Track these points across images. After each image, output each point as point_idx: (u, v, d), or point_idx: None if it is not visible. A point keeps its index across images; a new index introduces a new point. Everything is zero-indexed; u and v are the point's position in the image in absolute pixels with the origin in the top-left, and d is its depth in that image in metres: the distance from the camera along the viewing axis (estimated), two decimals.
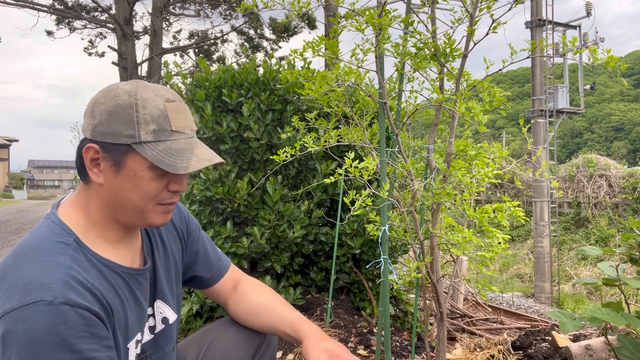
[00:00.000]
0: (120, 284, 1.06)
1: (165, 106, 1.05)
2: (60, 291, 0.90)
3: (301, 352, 2.75)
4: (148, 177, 1.04)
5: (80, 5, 14.56)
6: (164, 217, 1.11)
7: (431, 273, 1.92)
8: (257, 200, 3.10)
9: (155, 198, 1.07)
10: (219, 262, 1.43)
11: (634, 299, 8.36)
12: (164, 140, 1.03)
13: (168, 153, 1.03)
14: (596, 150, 17.59)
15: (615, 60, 1.54)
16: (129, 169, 1.03)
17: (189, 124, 1.09)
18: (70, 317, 0.89)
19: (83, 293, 0.93)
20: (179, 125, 1.06)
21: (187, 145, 1.06)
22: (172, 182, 1.08)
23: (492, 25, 1.69)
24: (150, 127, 1.02)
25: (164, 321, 1.24)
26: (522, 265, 12.93)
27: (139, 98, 1.03)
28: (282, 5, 1.90)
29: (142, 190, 1.05)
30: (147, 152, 1.02)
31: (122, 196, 1.05)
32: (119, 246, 1.11)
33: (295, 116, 2.36)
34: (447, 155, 1.86)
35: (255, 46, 14.65)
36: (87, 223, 1.07)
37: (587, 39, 12.78)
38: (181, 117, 1.07)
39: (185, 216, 1.38)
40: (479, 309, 5.01)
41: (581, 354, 2.36)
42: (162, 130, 1.03)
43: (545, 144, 11.01)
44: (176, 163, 1.02)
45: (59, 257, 0.96)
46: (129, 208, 1.06)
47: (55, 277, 0.92)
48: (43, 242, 1.00)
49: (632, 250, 1.91)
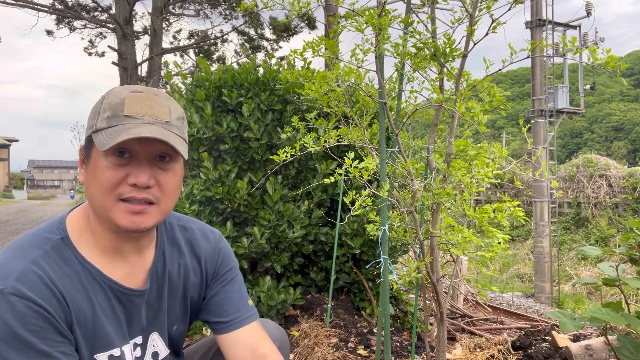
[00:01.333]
0: (97, 291, 1.03)
1: (128, 95, 1.00)
2: (12, 282, 0.90)
3: (301, 352, 2.75)
4: (103, 166, 0.98)
5: (80, 5, 14.57)
6: (131, 219, 0.99)
7: (431, 273, 1.92)
8: (257, 200, 3.10)
9: (112, 191, 0.98)
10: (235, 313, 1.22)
11: (634, 299, 8.36)
12: (114, 126, 0.97)
13: (109, 135, 0.96)
14: (596, 150, 17.59)
15: (615, 60, 1.54)
16: (92, 161, 1.00)
17: (153, 112, 0.99)
18: (18, 308, 0.89)
19: (38, 287, 0.92)
20: (133, 111, 0.98)
21: (135, 126, 0.96)
22: (131, 174, 0.98)
23: (491, 25, 1.69)
24: (105, 114, 0.98)
25: (154, 356, 1.17)
26: (522, 265, 12.92)
27: (109, 92, 1.02)
28: (282, 5, 1.90)
29: (98, 181, 0.98)
30: (97, 138, 0.97)
31: (90, 192, 1.01)
32: (112, 257, 1.06)
33: (295, 116, 2.36)
34: (447, 155, 1.86)
35: (255, 46, 14.65)
36: (85, 226, 1.06)
37: (587, 39, 12.78)
38: (141, 105, 0.99)
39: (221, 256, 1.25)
40: (479, 309, 5.01)
41: (581, 354, 2.36)
42: (114, 116, 0.97)
43: (545, 144, 11.01)
44: (107, 141, 0.95)
45: (32, 250, 0.97)
46: (96, 206, 1.01)
47: (15, 268, 0.93)
48: (32, 234, 1.02)
49: (632, 250, 1.91)
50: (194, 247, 1.23)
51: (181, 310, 1.22)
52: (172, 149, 0.99)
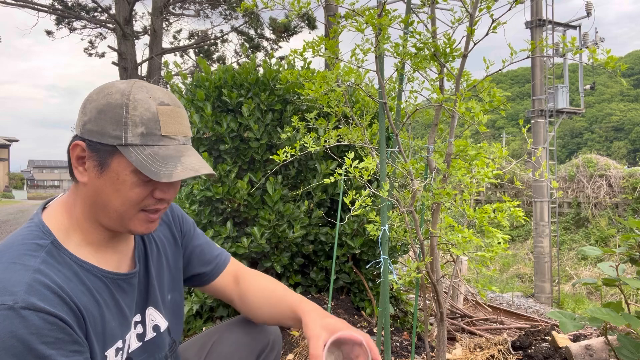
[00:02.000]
0: (100, 288, 1.03)
1: (158, 109, 1.00)
2: (22, 295, 0.87)
3: (301, 352, 2.75)
4: (131, 181, 0.99)
5: (80, 5, 14.57)
6: (147, 226, 1.05)
7: (431, 273, 1.92)
8: (257, 200, 3.10)
9: (137, 204, 1.01)
10: (216, 258, 1.39)
11: (634, 299, 8.36)
12: (151, 145, 0.98)
13: (154, 159, 0.97)
14: (596, 150, 17.58)
15: (615, 60, 1.54)
16: (113, 171, 0.99)
17: (183, 130, 1.03)
18: (33, 321, 0.86)
19: (49, 297, 0.90)
20: (169, 131, 1.00)
21: (176, 153, 1.00)
22: (157, 189, 1.02)
23: (492, 25, 1.69)
24: (138, 130, 0.97)
25: (155, 329, 1.20)
26: (522, 265, 12.92)
27: (131, 99, 0.99)
28: (282, 5, 1.90)
29: (124, 195, 1.00)
30: (132, 155, 0.97)
31: (104, 198, 1.01)
32: (103, 250, 1.08)
33: (295, 116, 2.36)
34: (447, 155, 1.86)
35: (255, 46, 14.65)
36: (70, 224, 1.04)
37: (587, 39, 12.78)
38: (174, 122, 1.02)
39: (180, 217, 1.35)
40: (479, 309, 5.01)
41: (581, 354, 2.36)
42: (150, 134, 0.98)
43: (545, 144, 11.00)
44: (160, 170, 0.97)
45: (29, 259, 0.93)
46: (110, 212, 1.02)
47: (19, 281, 0.89)
48: (17, 243, 0.97)
49: (632, 250, 1.91)
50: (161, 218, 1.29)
51: (169, 279, 1.27)
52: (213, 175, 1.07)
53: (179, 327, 1.31)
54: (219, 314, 3.13)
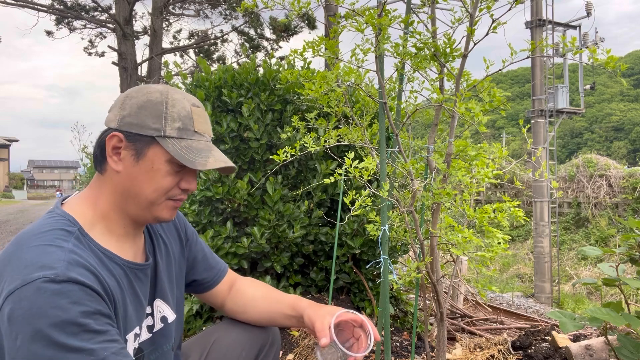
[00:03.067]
0: (121, 275, 1.09)
1: (192, 109, 1.14)
2: (62, 270, 0.92)
3: (301, 352, 2.75)
4: (165, 170, 1.10)
5: (80, 5, 14.56)
6: (172, 213, 1.16)
7: (431, 273, 1.92)
8: (257, 200, 3.10)
9: (167, 193, 1.12)
10: (217, 265, 1.48)
11: (634, 299, 8.36)
12: (186, 139, 1.11)
13: (188, 150, 1.10)
14: (596, 150, 17.57)
15: (615, 60, 1.54)
16: (148, 160, 1.09)
17: (209, 130, 1.18)
18: (74, 292, 0.91)
19: (86, 274, 0.96)
20: (200, 128, 1.14)
21: (206, 147, 1.14)
22: (184, 179, 1.14)
23: (492, 25, 1.69)
24: (175, 124, 1.10)
25: (163, 320, 1.25)
26: (522, 265, 12.91)
27: (169, 97, 1.12)
28: (282, 5, 1.90)
29: (157, 183, 1.10)
30: (170, 146, 1.08)
31: (137, 186, 1.10)
32: (123, 240, 1.14)
33: (295, 116, 2.36)
34: (447, 155, 1.86)
35: (255, 46, 14.64)
36: (94, 215, 1.10)
37: (587, 39, 12.78)
38: (203, 122, 1.16)
39: (183, 221, 1.43)
40: (479, 309, 5.00)
41: (581, 354, 2.36)
42: (185, 129, 1.11)
43: (545, 144, 11.00)
44: (195, 159, 1.09)
45: (62, 242, 0.99)
46: (141, 199, 1.11)
47: (58, 258, 0.94)
48: (47, 229, 1.02)
49: (632, 250, 1.91)
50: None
51: (174, 273, 1.33)
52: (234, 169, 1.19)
53: (181, 325, 1.34)
54: (218, 314, 3.13)
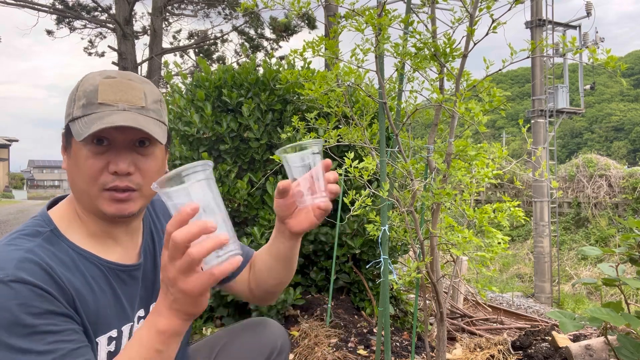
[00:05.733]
0: (97, 275, 1.04)
1: (101, 81, 1.01)
2: (11, 270, 0.89)
3: (301, 352, 2.75)
4: (84, 155, 1.00)
5: (80, 5, 14.55)
6: (117, 207, 1.02)
7: (431, 273, 1.92)
8: (257, 200, 3.10)
9: (95, 180, 1.00)
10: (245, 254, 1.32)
11: (634, 299, 8.36)
12: (89, 114, 0.99)
13: (85, 124, 0.97)
14: (596, 150, 17.57)
15: (615, 60, 1.54)
16: (73, 150, 1.02)
17: (127, 98, 1.01)
18: (22, 293, 0.88)
19: (37, 273, 0.92)
20: (107, 98, 1.00)
21: (108, 114, 0.98)
22: (111, 161, 1.00)
23: (492, 25, 1.69)
24: (80, 102, 1.00)
25: None
26: (522, 265, 12.91)
27: (83, 79, 1.03)
28: (282, 5, 1.90)
29: (82, 171, 1.01)
30: (75, 126, 0.99)
31: (73, 180, 1.03)
32: (105, 241, 1.08)
33: (295, 116, 2.36)
34: (447, 155, 1.86)
35: (255, 46, 14.64)
36: (73, 217, 1.07)
37: (587, 39, 12.78)
38: (115, 91, 1.01)
39: None
40: (479, 309, 5.00)
41: (581, 354, 2.36)
42: (89, 104, 0.99)
43: (545, 144, 11.00)
44: (82, 130, 0.97)
45: (24, 242, 0.97)
46: (79, 193, 1.04)
47: (11, 258, 0.92)
48: (18, 230, 1.01)
49: (632, 250, 1.91)
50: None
51: None
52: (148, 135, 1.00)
53: None
54: (218, 314, 3.13)
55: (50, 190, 63.81)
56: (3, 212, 19.17)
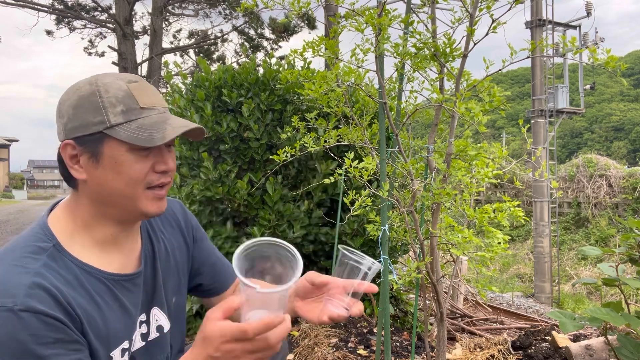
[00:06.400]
0: (102, 290, 1.03)
1: (129, 86, 1.02)
2: (22, 298, 0.88)
3: (301, 352, 2.75)
4: (129, 160, 1.00)
5: (80, 5, 14.56)
6: (158, 204, 1.06)
7: (431, 273, 1.92)
8: (257, 200, 3.10)
9: (142, 182, 1.02)
10: (227, 271, 1.36)
11: (634, 299, 8.35)
12: (134, 119, 1.00)
13: (142, 129, 0.99)
14: (596, 150, 17.57)
15: (615, 60, 1.54)
16: (108, 157, 1.00)
17: (158, 101, 1.06)
18: (32, 323, 0.88)
19: (47, 300, 0.91)
20: (146, 102, 1.02)
21: (160, 118, 1.02)
22: (157, 162, 1.03)
23: (492, 25, 1.69)
24: (117, 109, 0.99)
25: (159, 329, 1.19)
26: (522, 265, 12.91)
27: (99, 84, 1.02)
28: (282, 5, 1.90)
29: (127, 176, 1.00)
30: (121, 133, 0.98)
31: (108, 187, 1.02)
32: (108, 249, 1.08)
33: (295, 116, 2.36)
34: (447, 155, 1.86)
35: (255, 46, 14.64)
36: (74, 227, 1.05)
37: (587, 39, 12.77)
38: (147, 94, 1.04)
39: (193, 225, 1.34)
40: (479, 309, 5.00)
41: (581, 354, 2.36)
42: (130, 110, 1.00)
43: (545, 144, 11.00)
44: (152, 136, 0.98)
45: (30, 262, 0.95)
46: (118, 199, 1.03)
47: (20, 283, 0.90)
48: (20, 245, 0.98)
49: (632, 250, 1.91)
50: (170, 220, 1.29)
51: (176, 282, 1.26)
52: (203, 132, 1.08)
53: (180, 332, 1.29)
54: None
55: (50, 190, 63.78)
56: (3, 212, 19.16)
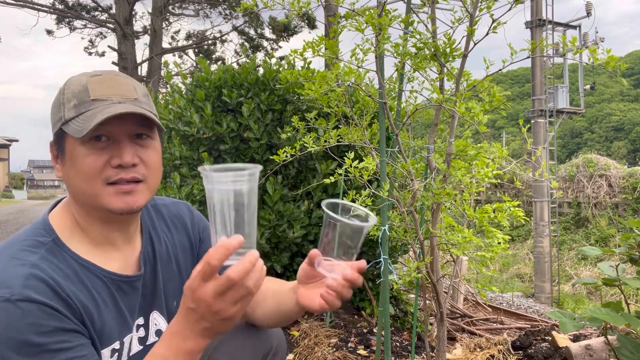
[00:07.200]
0: (99, 287, 1.02)
1: (88, 80, 1.00)
2: (18, 289, 0.88)
3: (301, 352, 2.75)
4: (81, 154, 0.98)
5: (81, 5, 14.56)
6: (123, 200, 1.00)
7: (431, 273, 1.92)
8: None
9: (97, 177, 0.98)
10: None
11: (634, 299, 8.35)
12: (84, 112, 0.97)
13: (84, 121, 0.96)
14: (596, 150, 17.58)
15: (615, 60, 1.54)
16: (68, 153, 1.00)
17: (119, 92, 1.00)
18: (30, 312, 0.88)
19: (44, 290, 0.91)
20: (99, 94, 0.99)
21: (106, 108, 0.97)
22: (113, 155, 0.99)
23: (492, 25, 1.69)
24: (71, 104, 0.98)
25: (158, 334, 1.17)
26: (522, 265, 12.91)
27: (67, 82, 1.02)
28: (282, 5, 1.90)
29: (81, 170, 0.98)
30: (70, 127, 0.97)
31: (72, 184, 1.01)
32: (106, 249, 1.07)
33: (295, 116, 2.36)
34: (447, 155, 1.86)
35: (255, 46, 14.64)
36: (72, 224, 1.05)
37: (587, 39, 12.78)
38: (105, 87, 1.00)
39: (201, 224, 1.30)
40: (479, 309, 5.01)
41: (581, 354, 2.36)
42: (82, 103, 0.98)
43: (545, 144, 11.00)
44: (83, 126, 0.95)
45: (28, 255, 0.95)
46: (80, 195, 1.01)
47: (17, 274, 0.91)
48: (20, 239, 0.99)
49: (632, 250, 1.91)
50: (175, 222, 1.26)
51: (177, 286, 1.22)
52: (150, 120, 1.00)
53: None
54: None
55: (50, 190, 63.79)
56: (3, 212, 19.16)
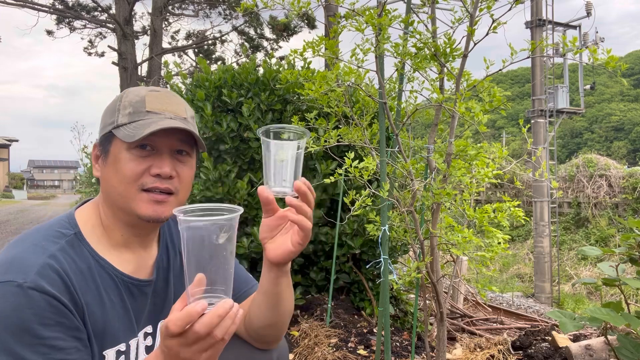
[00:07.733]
0: (110, 287, 1.04)
1: (147, 93, 1.07)
2: (32, 276, 0.91)
3: (301, 352, 2.75)
4: (125, 158, 1.03)
5: (80, 5, 14.55)
6: (154, 208, 1.04)
7: (431, 273, 1.92)
8: (257, 200, 3.10)
9: (135, 182, 1.03)
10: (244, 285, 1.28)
11: (634, 299, 8.35)
12: (137, 120, 1.03)
13: (135, 128, 1.02)
14: (596, 150, 17.58)
15: (615, 60, 1.54)
16: (112, 155, 1.05)
17: (172, 109, 1.07)
18: (37, 302, 0.89)
19: (56, 282, 0.93)
20: (154, 107, 1.05)
21: (159, 120, 1.03)
22: (153, 165, 1.04)
23: (492, 25, 1.69)
24: (126, 111, 1.05)
25: None
26: (522, 265, 12.92)
27: (125, 92, 1.09)
28: (282, 5, 1.90)
29: (121, 173, 1.03)
30: (121, 132, 1.03)
31: (109, 184, 1.05)
32: (123, 252, 1.09)
33: (295, 116, 2.36)
34: (447, 155, 1.86)
35: (255, 46, 14.64)
36: (97, 222, 1.08)
37: (587, 39, 12.77)
38: (160, 101, 1.06)
39: None
40: (479, 309, 5.01)
41: (581, 354, 2.36)
42: (136, 112, 1.04)
43: (545, 144, 11.00)
44: (135, 133, 1.01)
45: (49, 244, 0.98)
46: (115, 195, 1.05)
47: (34, 262, 0.93)
48: (44, 228, 1.03)
49: (632, 250, 1.91)
50: None
51: None
52: (194, 138, 1.07)
53: None
54: None
55: (50, 190, 63.81)
56: (3, 212, 19.15)
